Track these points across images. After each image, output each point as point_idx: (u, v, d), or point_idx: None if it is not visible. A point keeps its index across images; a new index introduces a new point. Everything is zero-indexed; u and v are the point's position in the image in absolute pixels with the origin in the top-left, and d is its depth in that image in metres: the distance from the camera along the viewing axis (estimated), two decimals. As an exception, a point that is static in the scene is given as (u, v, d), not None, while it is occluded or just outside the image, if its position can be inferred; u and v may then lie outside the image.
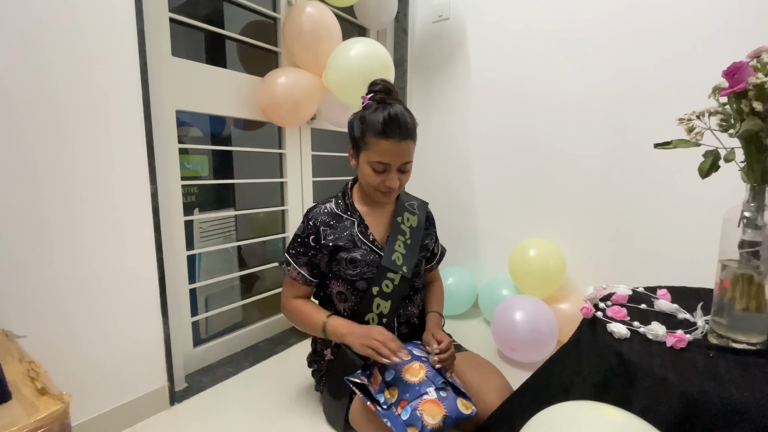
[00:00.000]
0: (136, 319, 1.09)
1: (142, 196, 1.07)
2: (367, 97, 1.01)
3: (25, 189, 0.88)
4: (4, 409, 0.59)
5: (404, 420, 0.85)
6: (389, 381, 0.94)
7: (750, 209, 0.69)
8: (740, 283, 0.69)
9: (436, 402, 0.86)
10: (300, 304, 1.09)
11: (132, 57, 1.03)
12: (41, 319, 0.92)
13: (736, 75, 0.65)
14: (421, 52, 2.09)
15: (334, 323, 1.02)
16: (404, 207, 1.14)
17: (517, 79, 1.79)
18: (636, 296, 0.91)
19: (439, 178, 2.10)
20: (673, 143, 0.73)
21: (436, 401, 0.86)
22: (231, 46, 1.80)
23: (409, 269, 1.07)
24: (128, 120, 1.03)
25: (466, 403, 0.89)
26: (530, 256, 1.62)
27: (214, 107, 1.38)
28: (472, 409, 0.88)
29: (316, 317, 1.05)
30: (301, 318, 1.08)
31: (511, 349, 1.44)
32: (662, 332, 0.71)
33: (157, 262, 1.12)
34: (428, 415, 0.83)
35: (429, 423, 0.83)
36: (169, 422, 1.13)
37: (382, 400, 0.90)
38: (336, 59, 1.41)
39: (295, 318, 1.10)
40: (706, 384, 0.59)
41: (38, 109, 0.88)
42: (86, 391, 1.00)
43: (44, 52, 0.88)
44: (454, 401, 0.87)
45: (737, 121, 0.68)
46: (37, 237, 0.90)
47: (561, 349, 0.85)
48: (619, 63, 1.53)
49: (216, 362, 1.46)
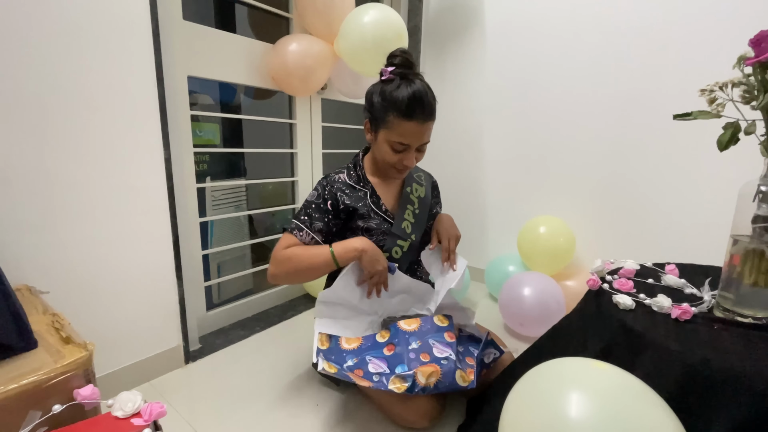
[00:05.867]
0: (152, 280, 1.13)
1: (155, 161, 1.08)
2: (388, 71, 0.98)
3: (42, 151, 0.89)
4: (32, 355, 0.63)
5: (398, 373, 0.87)
6: (386, 321, 1.00)
7: (767, 183, 0.67)
8: (751, 257, 0.69)
9: (434, 366, 0.87)
10: (296, 249, 0.99)
11: (144, 20, 1.02)
12: (62, 277, 0.96)
13: (763, 44, 0.62)
14: (436, 20, 2.03)
15: (341, 244, 0.99)
16: (412, 178, 1.16)
17: (532, 53, 1.73)
18: (644, 271, 0.91)
19: (449, 150, 2.08)
20: (693, 114, 0.71)
21: (434, 366, 0.87)
22: (241, 10, 1.77)
23: (418, 237, 1.09)
24: (141, 83, 1.03)
25: (464, 375, 0.89)
26: (540, 233, 1.61)
27: (224, 74, 1.37)
28: (470, 381, 0.88)
29: (320, 250, 0.98)
30: (300, 260, 0.98)
31: (519, 324, 1.46)
32: (668, 304, 0.71)
33: (171, 226, 1.14)
34: (422, 375, 0.85)
35: (420, 382, 0.84)
36: (184, 379, 1.18)
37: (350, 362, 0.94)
38: (348, 26, 1.38)
39: (293, 263, 0.98)
40: (708, 354, 0.59)
41: (53, 79, 0.89)
42: (106, 347, 1.05)
43: (57, 22, 0.88)
44: (453, 373, 0.87)
45: (761, 92, 0.65)
46: (54, 198, 0.93)
47: (565, 318, 0.86)
48: (633, 38, 1.47)
49: (228, 326, 1.52)
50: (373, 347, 0.97)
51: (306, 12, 1.42)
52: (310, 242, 1.02)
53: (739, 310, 0.70)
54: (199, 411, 1.05)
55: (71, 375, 0.59)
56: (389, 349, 0.94)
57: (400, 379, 0.86)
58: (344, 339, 1.00)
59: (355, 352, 0.97)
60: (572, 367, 0.56)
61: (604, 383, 0.52)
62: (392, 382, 0.85)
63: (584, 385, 0.52)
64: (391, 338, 0.97)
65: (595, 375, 0.54)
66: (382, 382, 0.86)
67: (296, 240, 1.01)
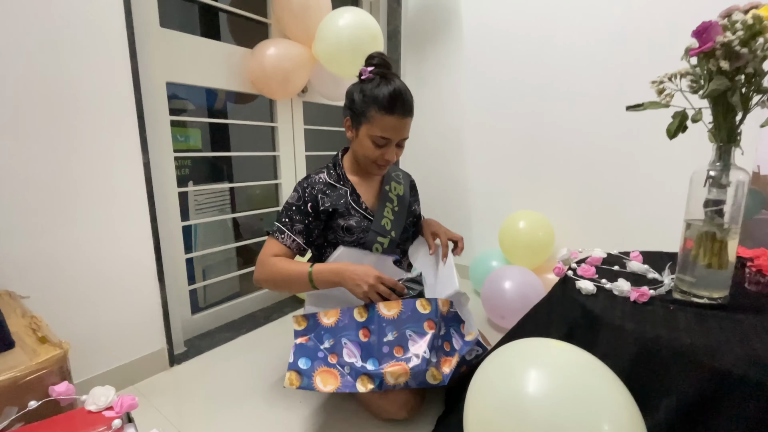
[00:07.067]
0: (133, 284, 1.14)
1: (134, 166, 1.10)
2: (368, 70, 1.02)
3: (21, 158, 0.91)
4: (9, 354, 0.64)
5: (369, 370, 0.88)
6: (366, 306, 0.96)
7: (715, 168, 0.71)
8: (704, 240, 0.72)
9: (404, 368, 0.86)
10: (279, 261, 1.01)
11: (119, 27, 1.04)
12: (43, 282, 0.97)
13: (704, 34, 0.66)
14: (415, 23, 2.07)
15: (320, 267, 0.98)
16: (391, 177, 1.19)
17: (509, 51, 1.78)
18: (610, 259, 0.94)
19: (431, 150, 2.11)
20: (645, 105, 0.74)
21: (404, 367, 0.86)
22: (225, 18, 1.79)
23: (397, 233, 1.12)
24: (117, 91, 1.05)
25: (436, 373, 0.89)
26: (520, 228, 1.65)
27: (203, 79, 1.39)
28: (441, 379, 0.89)
29: (300, 267, 0.99)
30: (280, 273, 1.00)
31: (500, 317, 1.49)
32: (627, 288, 0.74)
33: (152, 230, 1.16)
34: (391, 376, 0.86)
35: (389, 382, 0.86)
36: (169, 381, 1.19)
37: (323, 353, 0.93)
38: (324, 29, 1.40)
39: (273, 274, 1.01)
40: (660, 331, 0.62)
41: (27, 84, 0.90)
42: (89, 350, 1.06)
43: (27, 25, 0.89)
44: (423, 374, 0.87)
45: (706, 81, 0.69)
46: (35, 205, 0.94)
47: (536, 305, 0.89)
48: (606, 38, 1.52)
49: (214, 329, 1.53)
50: (349, 325, 0.94)
51: (283, 16, 1.45)
52: (291, 245, 1.04)
53: (695, 291, 0.74)
54: (184, 413, 1.06)
55: (46, 372, 0.61)
56: (364, 335, 0.93)
57: (369, 378, 0.87)
58: (322, 313, 0.97)
59: (332, 330, 0.95)
60: (531, 346, 0.59)
61: (559, 360, 0.55)
62: (360, 381, 0.86)
63: (541, 362, 0.55)
64: (368, 321, 0.93)
65: (551, 353, 0.56)
66: (349, 381, 0.87)
67: (279, 244, 1.03)
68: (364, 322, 0.94)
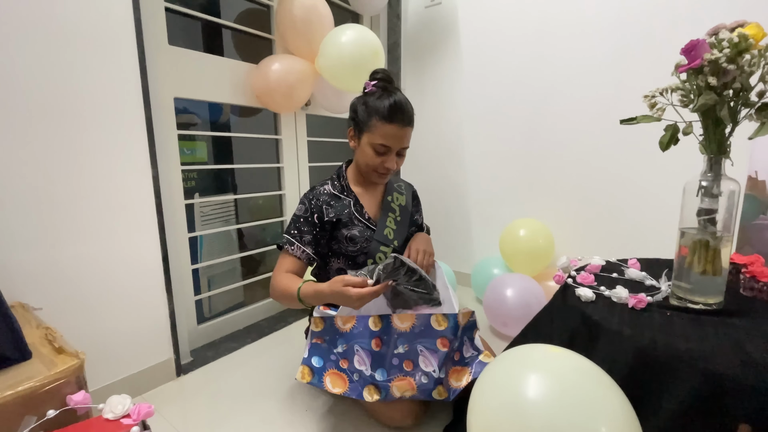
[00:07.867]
0: (141, 295, 1.16)
1: (143, 179, 1.13)
2: (371, 84, 1.08)
3: (34, 171, 0.94)
4: (26, 365, 0.66)
5: (377, 380, 0.90)
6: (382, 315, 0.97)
7: (707, 179, 0.74)
8: (698, 248, 0.75)
9: (411, 384, 0.89)
10: (282, 277, 1.03)
11: (130, 46, 1.07)
12: (54, 294, 0.99)
13: (693, 52, 0.69)
14: (415, 37, 2.12)
15: (307, 287, 0.96)
16: (393, 187, 1.22)
17: (506, 63, 1.82)
18: (609, 266, 0.97)
19: (432, 160, 2.15)
20: (638, 119, 0.77)
21: (411, 383, 0.89)
22: (228, 34, 1.84)
23: (400, 243, 1.15)
24: (128, 107, 1.08)
25: (442, 391, 0.90)
26: (520, 236, 1.67)
27: (210, 94, 1.43)
28: (446, 396, 0.90)
29: (294, 284, 0.99)
30: (280, 290, 1.02)
31: (502, 324, 1.50)
32: (625, 295, 0.77)
33: (160, 242, 1.18)
34: (397, 390, 0.88)
35: (395, 395, 0.88)
36: (176, 391, 1.21)
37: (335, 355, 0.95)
38: (327, 45, 1.45)
39: (276, 291, 1.03)
40: (657, 337, 0.65)
41: (43, 99, 0.94)
42: (98, 361, 1.08)
43: (46, 45, 0.93)
44: (429, 392, 0.89)
45: (696, 96, 0.72)
46: (47, 217, 0.97)
47: (538, 314, 0.91)
48: (603, 46, 1.56)
49: (219, 339, 1.54)
50: (363, 333, 0.94)
51: (287, 33, 1.49)
52: (301, 255, 1.06)
53: (691, 298, 0.76)
54: (191, 422, 1.07)
55: (64, 382, 0.63)
56: (377, 344, 0.93)
57: (375, 388, 0.89)
58: (339, 318, 0.97)
59: (347, 336, 0.95)
60: (531, 352, 0.61)
61: (557, 366, 0.57)
62: (367, 390, 0.89)
63: (540, 368, 0.57)
64: (381, 331, 0.95)
65: (550, 359, 0.59)
66: (357, 388, 0.90)
67: (290, 256, 1.06)
68: (378, 331, 0.95)
